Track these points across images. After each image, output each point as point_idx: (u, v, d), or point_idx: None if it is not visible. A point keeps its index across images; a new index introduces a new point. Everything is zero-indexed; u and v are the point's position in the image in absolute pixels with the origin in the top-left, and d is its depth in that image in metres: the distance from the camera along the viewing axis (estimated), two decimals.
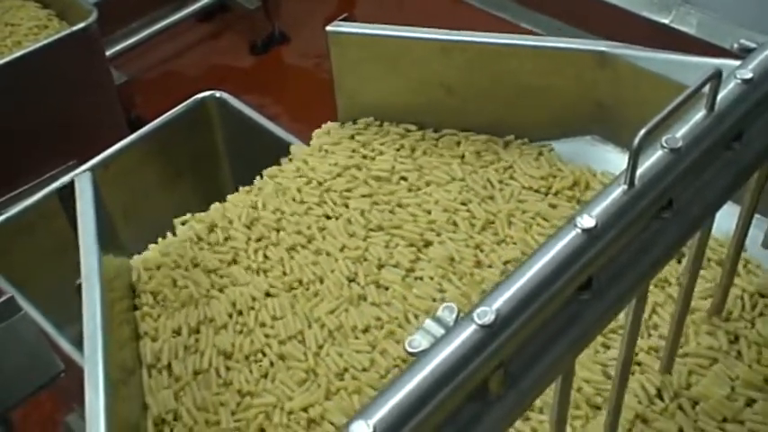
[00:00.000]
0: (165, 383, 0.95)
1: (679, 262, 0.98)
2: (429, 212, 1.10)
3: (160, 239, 1.12)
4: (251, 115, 1.32)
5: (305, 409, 0.91)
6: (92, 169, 1.12)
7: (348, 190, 1.15)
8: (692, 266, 0.78)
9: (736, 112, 0.68)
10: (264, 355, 0.97)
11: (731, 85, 0.69)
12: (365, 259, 1.06)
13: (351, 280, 1.04)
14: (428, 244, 1.07)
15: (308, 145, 1.23)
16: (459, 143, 1.19)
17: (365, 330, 0.98)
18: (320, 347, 0.97)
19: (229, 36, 2.51)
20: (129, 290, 1.04)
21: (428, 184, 1.15)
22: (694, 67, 1.01)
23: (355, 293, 1.02)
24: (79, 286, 0.89)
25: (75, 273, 0.94)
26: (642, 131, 0.60)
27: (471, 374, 0.53)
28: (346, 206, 1.13)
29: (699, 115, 0.67)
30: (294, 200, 1.14)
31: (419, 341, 0.55)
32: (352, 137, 1.21)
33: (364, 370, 0.94)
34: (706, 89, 0.66)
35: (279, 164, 1.21)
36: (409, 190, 1.14)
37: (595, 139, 1.17)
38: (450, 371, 0.53)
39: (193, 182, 1.36)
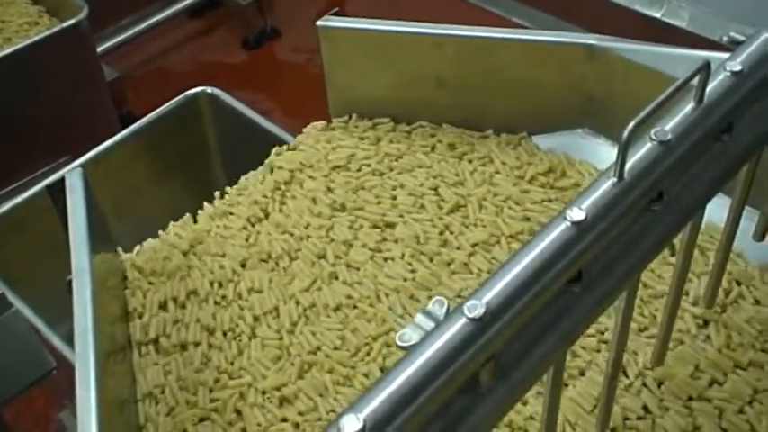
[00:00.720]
0: (153, 359, 0.96)
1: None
2: (395, 198, 1.11)
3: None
4: (243, 111, 1.32)
5: (278, 388, 0.92)
6: (83, 165, 1.12)
7: (300, 170, 1.16)
8: (683, 259, 0.78)
9: (725, 105, 0.68)
10: (242, 331, 0.98)
11: (720, 78, 0.69)
12: (332, 240, 1.07)
13: (320, 257, 1.05)
14: (392, 225, 1.08)
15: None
16: (433, 135, 1.19)
17: (336, 309, 0.99)
18: (294, 325, 0.98)
19: (221, 32, 2.50)
20: (120, 284, 1.04)
21: (392, 169, 1.15)
22: (684, 59, 1.01)
23: (327, 272, 1.03)
24: (70, 282, 0.89)
25: (66, 269, 0.93)
26: (631, 124, 0.60)
27: (462, 367, 0.53)
28: (301, 185, 1.14)
29: (688, 108, 0.67)
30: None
31: (410, 335, 0.55)
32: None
33: (336, 348, 0.95)
34: (695, 81, 0.66)
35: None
36: (372, 174, 1.15)
37: (586, 133, 1.17)
38: (441, 364, 0.53)
39: (185, 178, 1.36)
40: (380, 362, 0.93)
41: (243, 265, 1.06)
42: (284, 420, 0.90)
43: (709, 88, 0.67)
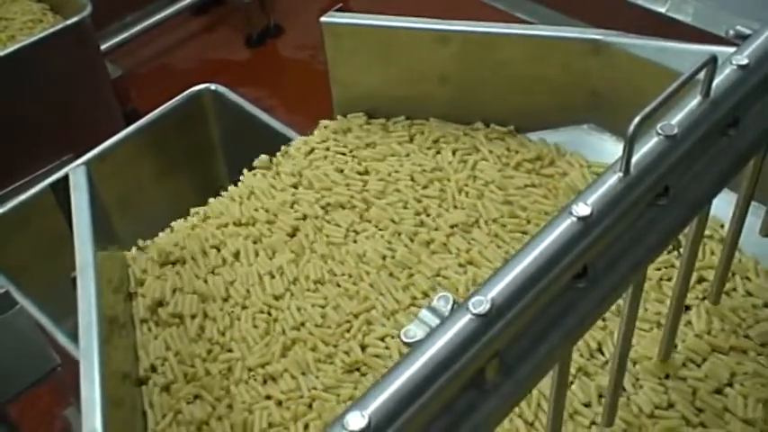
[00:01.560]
0: (154, 333, 0.99)
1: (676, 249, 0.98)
2: (366, 182, 1.12)
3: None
4: (246, 108, 1.31)
5: (263, 366, 0.94)
6: (87, 163, 1.12)
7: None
8: (689, 253, 0.78)
9: (731, 99, 0.68)
10: (236, 302, 1.01)
11: (727, 71, 0.68)
12: (304, 216, 1.09)
13: (296, 230, 1.08)
14: (369, 205, 1.10)
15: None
16: (418, 127, 1.21)
17: (319, 284, 1.02)
18: (279, 299, 1.01)
19: (224, 29, 2.50)
20: (124, 281, 1.04)
21: (359, 157, 1.16)
22: (689, 53, 1.00)
23: (306, 246, 1.05)
24: (74, 279, 0.89)
25: (71, 267, 0.94)
26: (637, 119, 0.59)
27: (467, 364, 0.53)
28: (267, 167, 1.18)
29: (694, 102, 0.66)
30: None
31: (414, 331, 0.54)
32: None
33: (318, 325, 0.97)
34: (701, 75, 0.65)
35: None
36: (336, 167, 1.16)
37: (591, 128, 1.17)
38: (446, 361, 0.52)
39: (189, 175, 1.36)
40: (360, 339, 0.95)
41: (221, 230, 1.09)
42: (268, 398, 0.92)
43: (715, 82, 0.66)
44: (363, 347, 0.94)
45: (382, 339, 0.95)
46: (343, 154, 1.17)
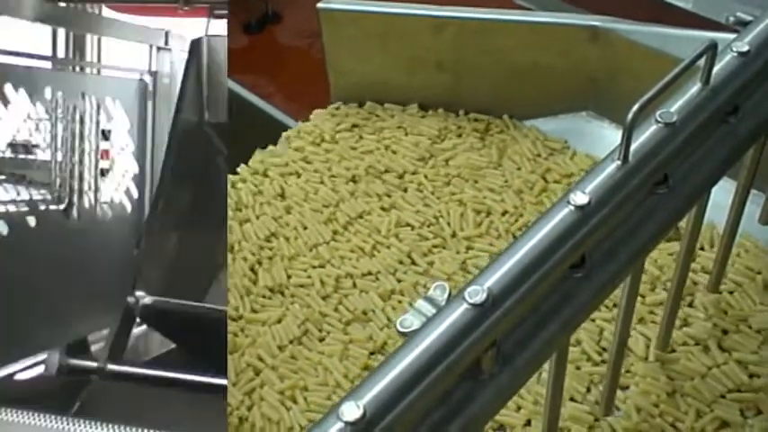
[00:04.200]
0: None
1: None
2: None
3: None
4: (244, 95, 1.31)
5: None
6: None
7: None
8: (688, 242, 0.77)
9: (731, 86, 0.67)
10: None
11: (727, 58, 0.68)
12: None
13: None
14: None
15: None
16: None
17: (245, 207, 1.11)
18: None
19: None
20: None
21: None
22: (689, 40, 0.99)
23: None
24: None
25: None
26: (636, 106, 0.59)
27: (463, 354, 0.53)
28: None
29: (694, 89, 0.66)
30: None
31: (410, 321, 0.54)
32: None
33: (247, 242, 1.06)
34: (701, 62, 0.64)
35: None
36: None
37: (590, 116, 1.16)
38: (442, 350, 0.52)
39: None
40: (286, 264, 1.02)
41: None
42: None
43: (715, 69, 0.66)
44: (288, 276, 1.00)
45: (305, 270, 1.00)
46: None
